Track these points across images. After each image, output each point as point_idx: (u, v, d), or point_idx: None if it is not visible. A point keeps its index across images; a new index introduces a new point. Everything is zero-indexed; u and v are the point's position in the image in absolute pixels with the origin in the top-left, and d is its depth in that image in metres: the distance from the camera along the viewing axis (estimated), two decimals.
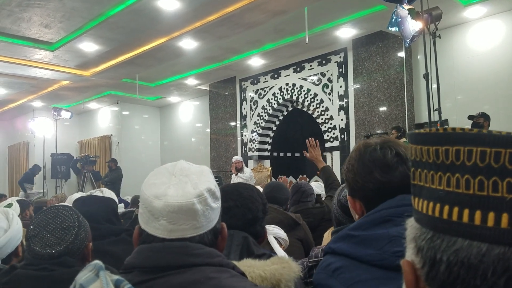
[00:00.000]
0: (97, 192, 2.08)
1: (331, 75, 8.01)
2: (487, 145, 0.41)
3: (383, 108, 7.16)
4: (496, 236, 0.39)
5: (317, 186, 3.73)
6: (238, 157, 8.03)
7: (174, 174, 0.95)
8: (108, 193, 2.11)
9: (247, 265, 1.05)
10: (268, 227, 1.93)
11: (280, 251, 1.76)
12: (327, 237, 2.13)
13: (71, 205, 1.76)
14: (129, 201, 5.84)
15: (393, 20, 4.45)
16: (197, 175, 0.95)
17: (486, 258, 0.40)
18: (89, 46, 7.43)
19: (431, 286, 0.44)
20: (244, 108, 9.67)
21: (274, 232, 1.97)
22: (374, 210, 1.01)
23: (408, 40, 4.42)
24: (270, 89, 9.14)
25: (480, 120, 5.44)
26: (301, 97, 8.51)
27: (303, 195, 3.05)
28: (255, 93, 9.44)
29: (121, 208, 4.29)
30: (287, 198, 2.95)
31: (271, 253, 1.34)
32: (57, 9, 6.07)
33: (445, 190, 0.43)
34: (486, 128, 5.41)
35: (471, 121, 5.50)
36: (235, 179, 7.64)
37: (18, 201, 3.66)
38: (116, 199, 2.24)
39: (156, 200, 0.90)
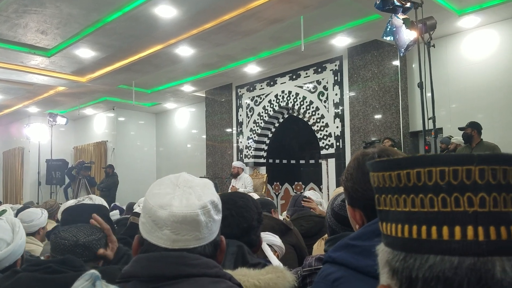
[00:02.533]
0: (86, 200, 2.03)
1: (327, 83, 8.05)
2: (445, 164, 0.44)
3: (378, 116, 7.19)
4: (464, 248, 0.42)
5: (312, 194, 3.76)
6: (234, 163, 8.05)
7: (178, 185, 0.95)
8: (98, 200, 2.08)
9: (241, 274, 1.06)
10: (262, 234, 1.93)
11: (274, 259, 1.76)
12: (316, 248, 2.13)
13: (61, 214, 1.75)
14: (124, 208, 5.82)
15: (388, 29, 4.48)
16: (201, 187, 0.97)
17: (459, 270, 0.42)
18: (85, 52, 7.43)
19: None
20: (240, 115, 9.69)
21: (268, 239, 1.96)
22: (375, 220, 0.98)
23: (402, 49, 4.46)
24: (266, 96, 9.17)
25: (468, 130, 5.51)
26: (297, 104, 8.55)
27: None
28: (251, 100, 9.47)
29: (116, 215, 4.28)
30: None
31: (266, 262, 1.35)
32: (53, 16, 6.08)
33: (411, 211, 0.45)
34: (474, 136, 5.48)
35: (462, 132, 5.58)
36: (233, 182, 7.67)
37: (20, 209, 3.61)
38: (107, 206, 2.22)
39: (161, 209, 0.90)
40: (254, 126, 9.37)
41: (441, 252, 0.43)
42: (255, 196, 3.44)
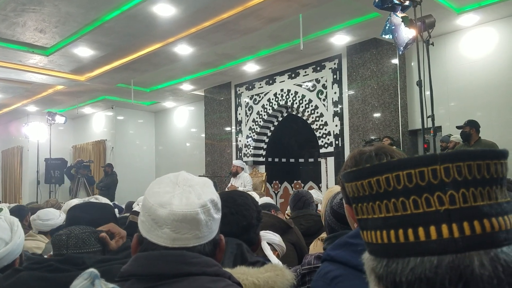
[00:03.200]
0: (92, 199, 2.05)
1: (326, 81, 8.05)
2: (411, 167, 0.44)
3: (377, 115, 7.20)
4: (442, 247, 0.42)
5: (313, 193, 3.76)
6: (234, 161, 8.04)
7: (177, 184, 0.95)
8: (104, 200, 2.09)
9: (240, 272, 1.06)
10: (262, 232, 1.93)
11: (273, 258, 1.76)
12: (312, 248, 2.13)
13: (67, 212, 1.75)
14: (123, 207, 5.82)
15: (387, 27, 4.48)
16: (201, 186, 0.97)
17: (439, 269, 0.42)
18: (84, 51, 7.42)
19: None
20: (239, 114, 9.69)
21: (268, 238, 1.96)
22: None
23: (401, 48, 4.47)
24: (265, 95, 9.16)
25: (467, 129, 5.52)
26: (296, 103, 8.55)
27: (305, 203, 3.13)
28: (250, 98, 9.46)
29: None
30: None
31: (265, 260, 1.34)
32: (52, 14, 6.07)
33: (386, 216, 0.46)
34: (473, 134, 5.49)
35: (460, 130, 5.59)
36: (233, 181, 7.67)
37: (15, 207, 3.62)
38: (112, 206, 2.24)
39: (161, 208, 0.90)
40: (253, 125, 9.36)
41: (420, 253, 0.43)
42: (256, 196, 3.44)
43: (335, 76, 7.90)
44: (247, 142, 9.43)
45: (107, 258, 1.45)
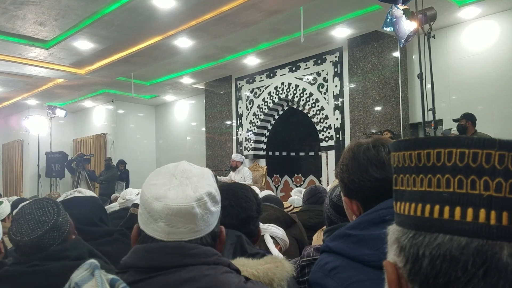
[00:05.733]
0: (75, 193, 1.98)
1: (327, 74, 8.03)
2: (466, 147, 0.44)
3: (378, 108, 7.18)
4: (474, 230, 0.42)
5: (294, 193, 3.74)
6: (233, 156, 8.03)
7: (175, 175, 0.94)
8: (89, 193, 2.05)
9: (240, 263, 1.06)
10: (266, 225, 1.93)
11: (274, 251, 1.76)
12: (316, 239, 2.14)
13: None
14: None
15: (388, 20, 4.46)
16: (198, 177, 0.95)
17: (466, 250, 0.42)
18: (84, 44, 7.40)
19: (414, 282, 0.46)
20: (240, 107, 9.68)
21: (271, 231, 1.96)
22: (372, 209, 1.01)
23: (402, 40, 4.44)
24: (265, 88, 9.15)
25: (462, 121, 5.51)
26: (297, 96, 8.53)
27: (319, 200, 3.12)
28: (251, 92, 9.44)
29: (115, 207, 4.28)
30: None
31: (265, 252, 1.35)
32: (52, 7, 6.05)
33: (426, 191, 0.46)
34: (469, 127, 5.48)
35: (457, 123, 5.58)
36: (232, 175, 7.67)
37: (16, 200, 3.62)
38: (97, 197, 2.21)
39: (156, 201, 0.89)
40: (253, 118, 9.35)
41: (450, 231, 0.43)
42: (257, 190, 3.42)
43: (336, 69, 7.88)
44: (248, 135, 9.43)
45: (90, 248, 1.44)
